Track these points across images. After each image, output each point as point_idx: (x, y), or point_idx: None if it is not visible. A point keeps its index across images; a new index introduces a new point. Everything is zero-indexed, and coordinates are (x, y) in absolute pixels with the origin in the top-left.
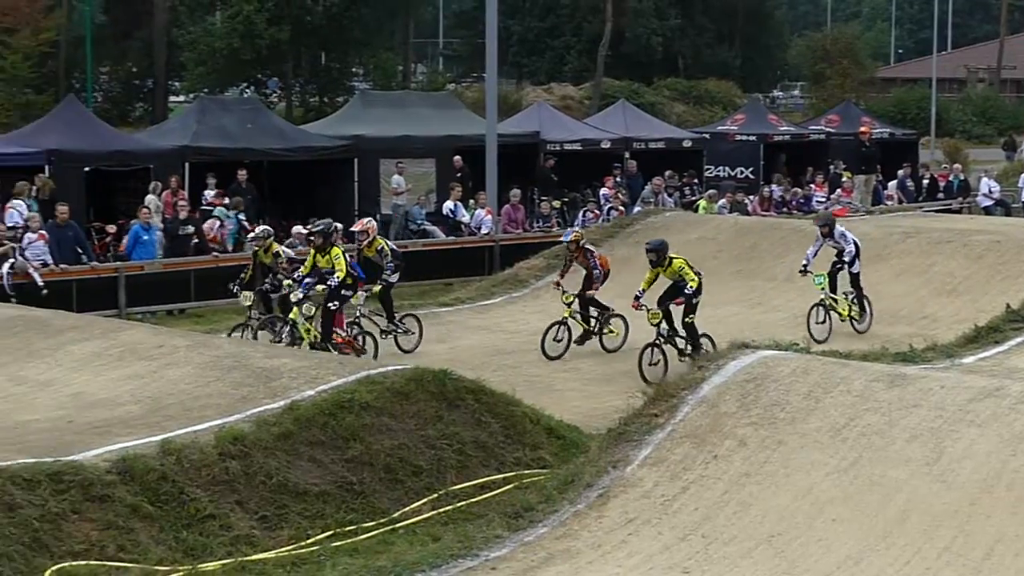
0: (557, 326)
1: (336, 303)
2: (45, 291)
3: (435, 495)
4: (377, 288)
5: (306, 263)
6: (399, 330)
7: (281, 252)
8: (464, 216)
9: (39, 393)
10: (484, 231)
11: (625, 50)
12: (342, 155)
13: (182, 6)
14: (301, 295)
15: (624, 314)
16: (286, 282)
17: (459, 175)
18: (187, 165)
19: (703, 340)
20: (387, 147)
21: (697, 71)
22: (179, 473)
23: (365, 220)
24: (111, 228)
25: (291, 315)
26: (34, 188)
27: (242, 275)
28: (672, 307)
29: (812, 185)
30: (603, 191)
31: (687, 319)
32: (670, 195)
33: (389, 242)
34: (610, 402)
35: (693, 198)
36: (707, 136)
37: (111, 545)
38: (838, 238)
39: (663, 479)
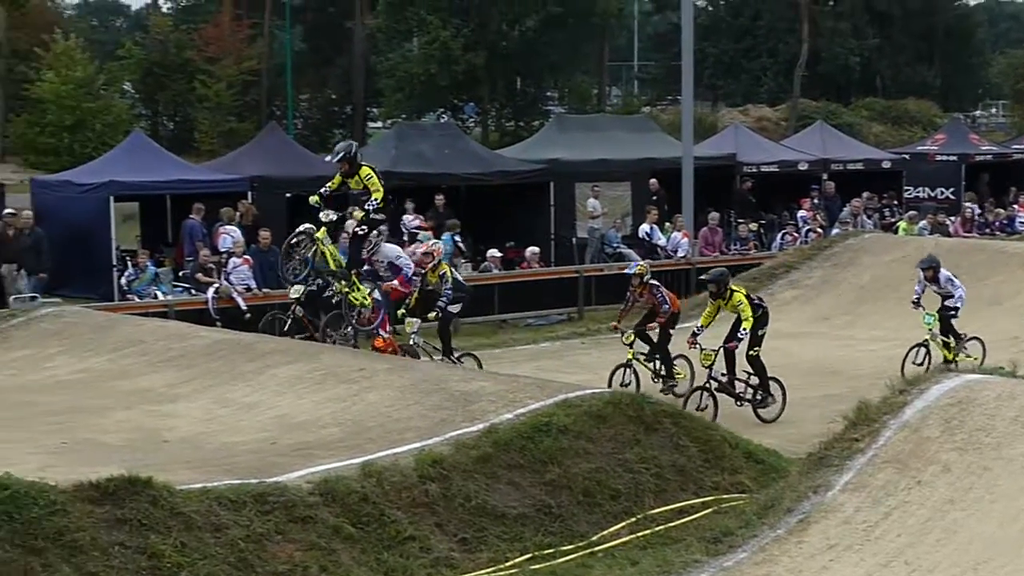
0: (623, 369)
1: (365, 228)
2: (248, 315)
3: (633, 519)
4: (432, 316)
5: (332, 182)
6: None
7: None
8: (660, 239)
9: (244, 415)
10: (680, 254)
11: (822, 70)
12: (538, 179)
13: (380, 33)
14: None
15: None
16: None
17: (655, 198)
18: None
19: (772, 384)
20: (582, 170)
21: (896, 91)
22: (380, 495)
23: (432, 242)
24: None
25: (336, 288)
26: (238, 214)
27: (296, 270)
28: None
29: (1016, 205)
30: (801, 213)
31: (752, 352)
32: (869, 217)
33: (456, 272)
34: (808, 427)
35: (892, 220)
36: (906, 156)
37: (314, 566)
38: (944, 283)
39: (865, 505)
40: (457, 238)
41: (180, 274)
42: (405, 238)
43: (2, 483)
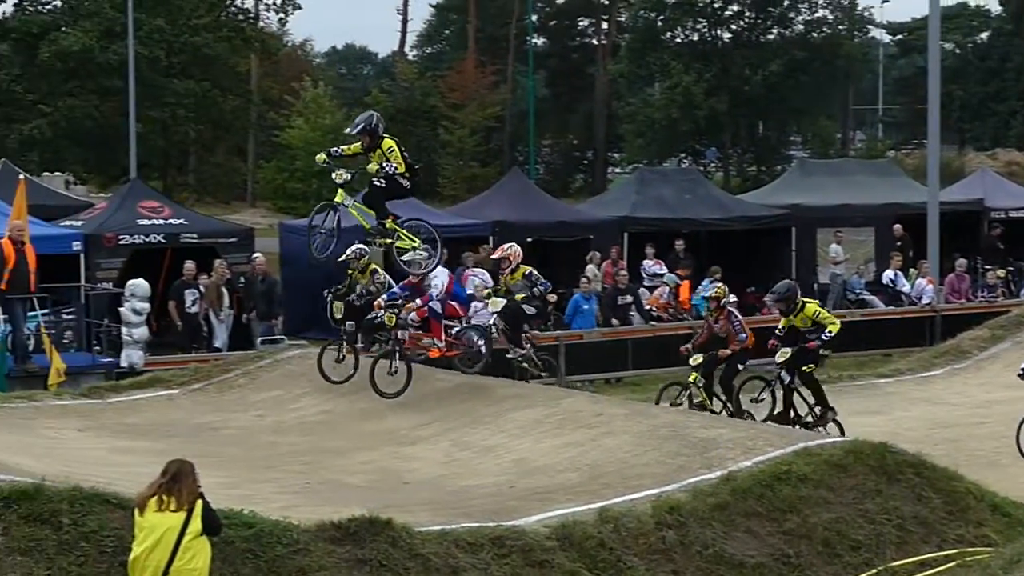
0: (677, 388)
1: (383, 181)
2: (489, 359)
3: (874, 571)
4: (520, 296)
5: (349, 147)
6: (529, 361)
7: (380, 270)
8: (904, 286)
9: (483, 458)
10: (925, 301)
11: None
12: (779, 224)
13: (622, 79)
14: (384, 299)
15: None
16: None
17: (899, 243)
18: (626, 235)
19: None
20: (825, 215)
21: None
22: (616, 541)
23: (507, 245)
24: (552, 297)
25: (383, 318)
26: (479, 259)
27: (338, 287)
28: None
29: None
30: None
31: (807, 368)
32: None
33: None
34: None
35: None
36: None
37: None
38: None
39: None
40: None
41: None
42: (645, 283)
43: (247, 521)
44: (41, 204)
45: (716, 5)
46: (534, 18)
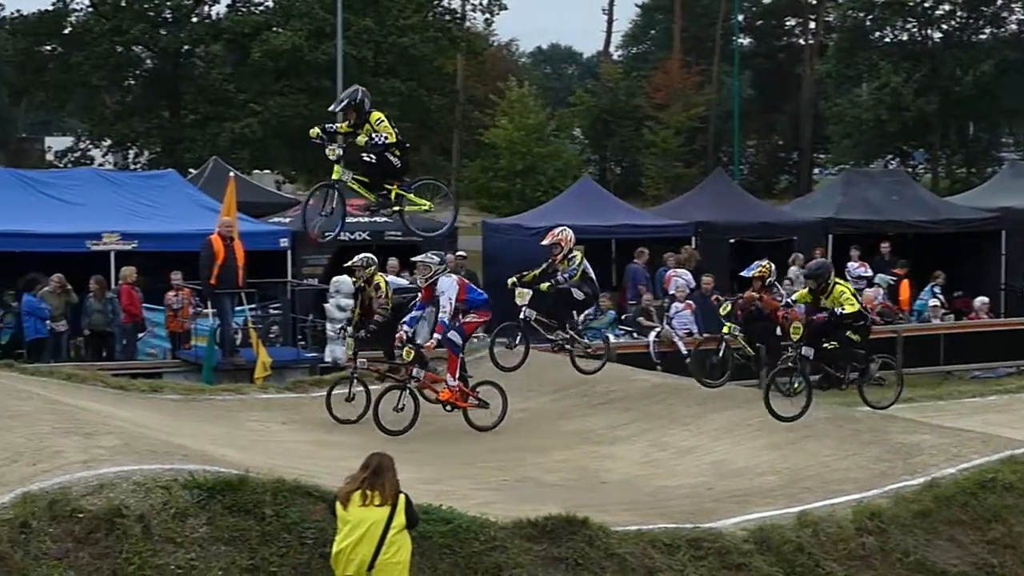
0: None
1: (373, 156)
2: (688, 360)
3: None
4: (545, 286)
5: (341, 125)
6: (574, 344)
7: (383, 284)
8: None
9: (680, 459)
10: None
11: None
12: (989, 227)
13: (829, 79)
14: (407, 330)
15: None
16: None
17: None
18: (830, 237)
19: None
20: None
21: None
22: (815, 546)
23: (558, 229)
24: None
25: (405, 356)
26: (681, 259)
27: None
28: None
29: None
30: None
31: (829, 345)
32: None
33: (589, 270)
34: None
35: None
36: None
37: None
38: None
39: None
40: (937, 289)
41: (623, 317)
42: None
43: (445, 517)
44: (250, 201)
45: (926, 4)
46: (740, 18)
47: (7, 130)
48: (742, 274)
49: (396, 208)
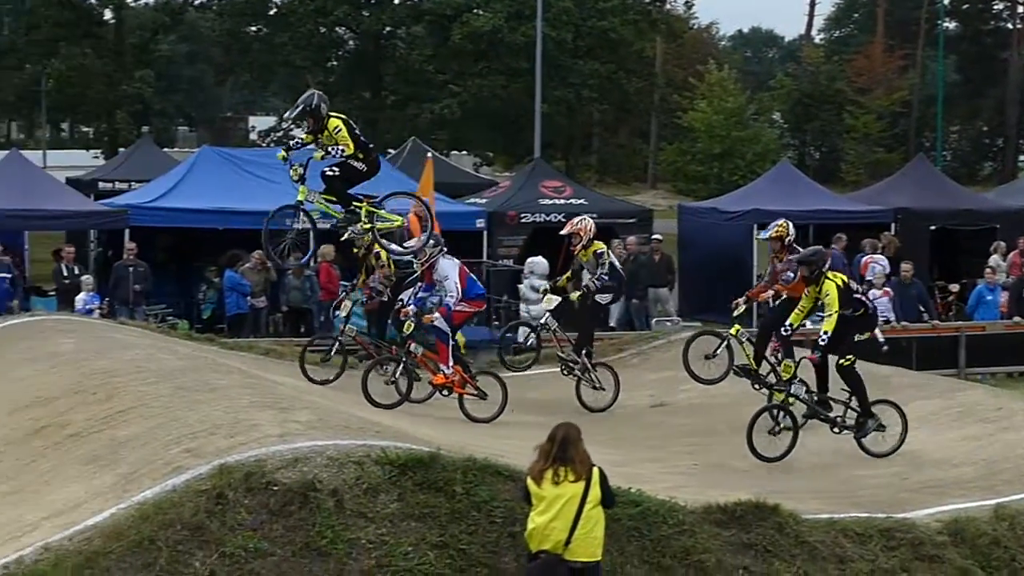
0: (710, 338)
1: (336, 170)
2: (885, 347)
3: None
4: (575, 296)
5: (304, 138)
6: (584, 373)
7: (383, 254)
8: None
9: None
10: None
11: None
12: None
13: None
14: (412, 308)
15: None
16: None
17: None
18: None
19: (884, 408)
20: None
21: None
22: (1012, 539)
23: (577, 219)
24: (954, 287)
25: (404, 329)
26: (880, 245)
27: (354, 281)
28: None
29: None
30: None
31: (844, 361)
32: None
33: (613, 255)
34: None
35: None
36: None
37: None
38: None
39: None
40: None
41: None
42: None
43: (634, 500)
44: (447, 182)
45: None
46: (946, 1)
47: (212, 109)
48: (759, 237)
49: (367, 226)
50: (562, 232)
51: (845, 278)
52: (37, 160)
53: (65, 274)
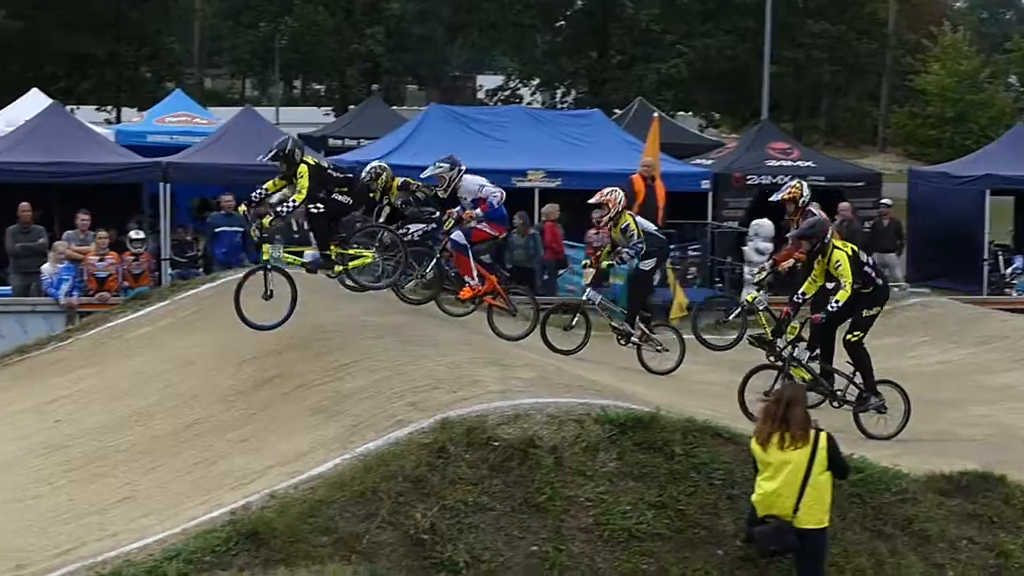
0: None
1: (320, 207)
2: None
3: None
4: (606, 264)
5: (268, 184)
6: (644, 340)
7: (412, 182)
8: None
9: None
10: None
11: None
12: None
13: None
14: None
15: None
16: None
17: None
18: None
19: (888, 388)
20: None
21: None
22: None
23: (607, 190)
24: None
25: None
26: None
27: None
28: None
29: None
30: None
31: (852, 336)
32: None
33: (642, 220)
34: None
35: None
36: None
37: None
38: None
39: None
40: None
41: None
42: None
43: (857, 466)
44: (673, 143)
45: None
46: None
47: (441, 68)
48: (771, 199)
49: (339, 268)
50: (590, 201)
51: (855, 247)
52: (270, 117)
53: (295, 228)
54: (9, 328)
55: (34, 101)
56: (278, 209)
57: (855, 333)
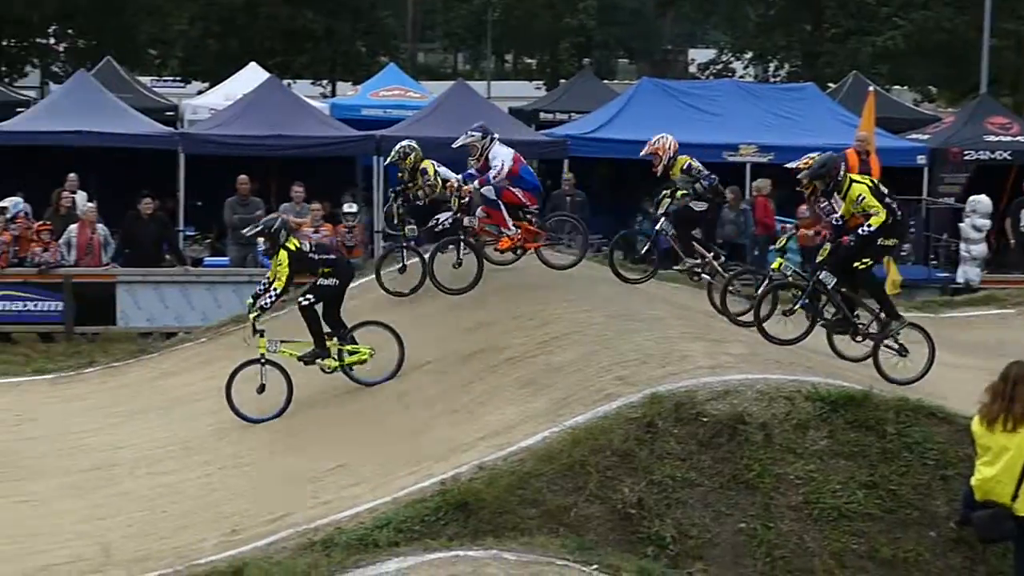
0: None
1: (310, 297)
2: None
3: None
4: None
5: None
6: (711, 272)
7: (431, 169)
8: None
9: None
10: None
11: None
12: None
13: None
14: (455, 182)
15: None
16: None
17: None
18: None
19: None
20: None
21: None
22: None
23: (655, 138)
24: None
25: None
26: None
27: (398, 188)
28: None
29: None
30: None
31: (860, 263)
32: None
33: (706, 174)
34: None
35: None
36: None
37: None
38: None
39: None
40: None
41: None
42: None
43: None
44: (889, 117)
45: None
46: None
47: (652, 42)
48: (787, 166)
49: (335, 364)
50: (641, 154)
51: (874, 180)
52: (482, 91)
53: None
54: (226, 297)
55: (252, 75)
56: (261, 303)
57: (865, 261)
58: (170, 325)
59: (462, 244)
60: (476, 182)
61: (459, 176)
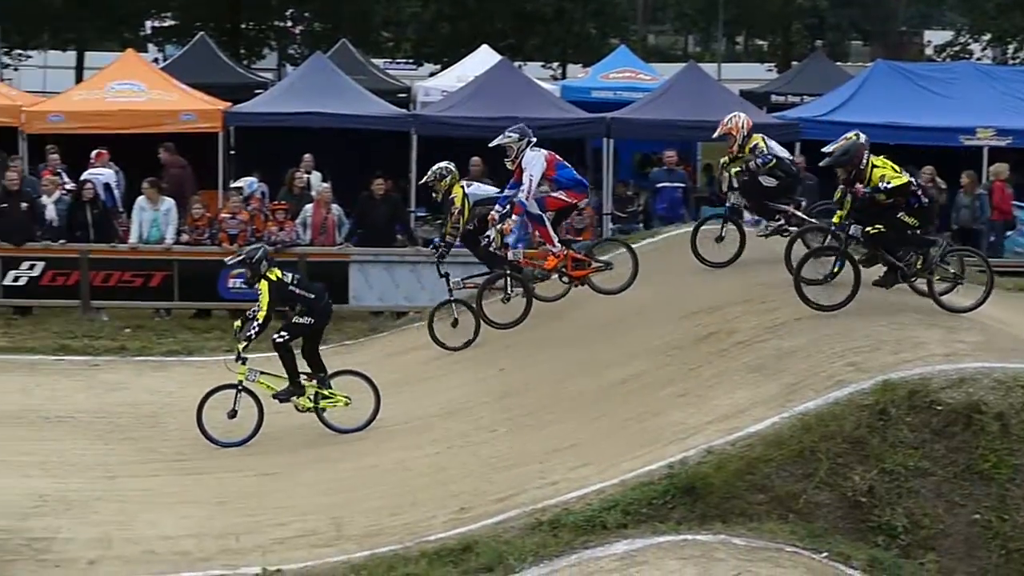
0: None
1: (284, 334)
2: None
3: None
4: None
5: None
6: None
7: (459, 199)
8: None
9: None
10: None
11: None
12: None
13: None
14: (496, 212)
15: None
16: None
17: None
18: None
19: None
20: None
21: None
22: None
23: (727, 118)
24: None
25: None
26: None
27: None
28: None
29: None
30: None
31: (873, 228)
32: None
33: (779, 150)
34: None
35: None
36: None
37: None
38: None
39: None
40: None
41: None
42: None
43: None
44: None
45: None
46: None
47: (887, 23)
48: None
49: (309, 405)
50: (715, 135)
51: (896, 166)
52: (712, 73)
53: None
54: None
55: (484, 57)
56: (247, 333)
57: (877, 227)
58: (400, 305)
59: (509, 280)
60: (512, 216)
61: (498, 199)
